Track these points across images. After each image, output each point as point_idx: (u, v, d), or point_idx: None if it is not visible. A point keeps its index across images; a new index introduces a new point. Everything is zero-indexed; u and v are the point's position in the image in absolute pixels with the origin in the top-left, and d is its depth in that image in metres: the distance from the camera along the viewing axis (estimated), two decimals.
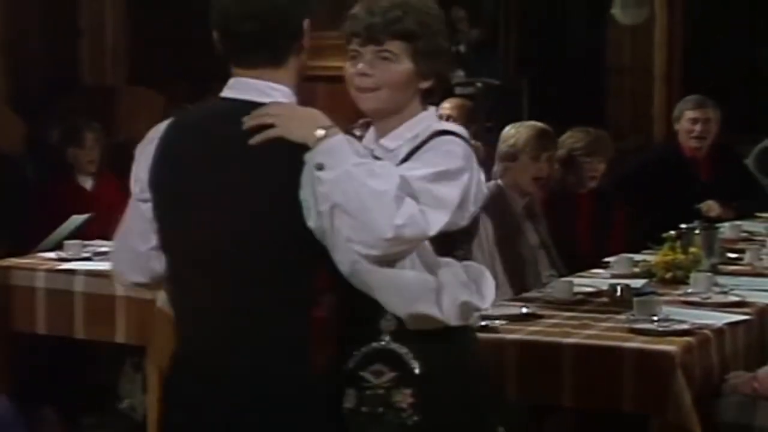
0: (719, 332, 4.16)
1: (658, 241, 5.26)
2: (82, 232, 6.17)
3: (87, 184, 7.03)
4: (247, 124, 2.72)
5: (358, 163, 2.65)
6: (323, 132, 2.67)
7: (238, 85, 2.83)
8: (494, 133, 6.09)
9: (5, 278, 5.47)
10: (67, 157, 7.00)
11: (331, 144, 2.66)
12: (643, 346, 3.89)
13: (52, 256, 5.67)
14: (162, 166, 2.87)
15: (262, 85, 2.80)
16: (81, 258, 5.57)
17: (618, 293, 4.59)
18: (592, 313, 4.40)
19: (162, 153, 2.87)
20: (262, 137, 2.70)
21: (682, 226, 5.32)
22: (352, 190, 2.61)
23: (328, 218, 2.65)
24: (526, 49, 11.58)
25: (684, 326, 4.06)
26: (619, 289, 4.61)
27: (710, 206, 6.86)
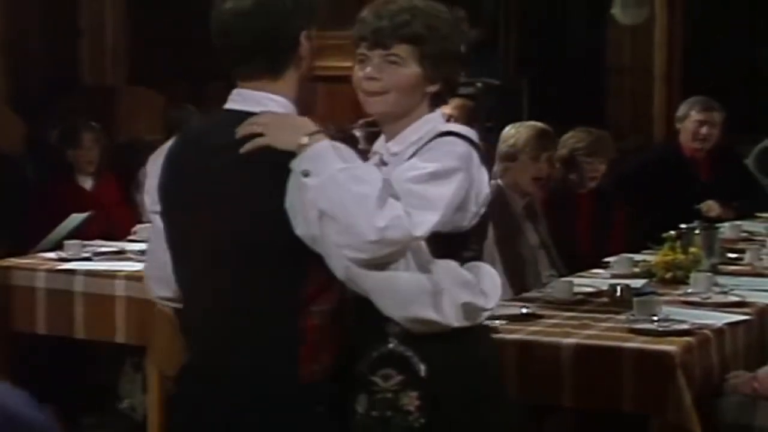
0: (719, 332, 4.16)
1: (658, 241, 5.26)
2: (82, 232, 6.18)
3: (87, 184, 7.03)
4: (239, 134, 2.77)
5: (342, 168, 2.66)
6: (307, 139, 2.69)
7: (239, 96, 2.88)
8: (494, 133, 6.09)
9: (5, 278, 5.47)
10: (66, 157, 7.00)
11: (315, 150, 2.69)
12: (643, 346, 3.89)
13: (52, 256, 5.67)
14: (167, 177, 2.94)
15: (260, 96, 2.84)
16: (81, 258, 5.56)
17: (618, 293, 4.59)
18: (592, 313, 4.40)
19: (168, 164, 2.95)
20: (250, 146, 2.74)
21: (682, 226, 5.32)
22: (336, 196, 2.63)
23: (317, 225, 2.67)
24: (526, 49, 11.58)
25: (684, 326, 4.06)
26: (619, 289, 4.61)
27: (710, 206, 6.86)
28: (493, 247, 5.29)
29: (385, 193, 2.65)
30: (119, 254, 5.73)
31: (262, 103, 2.83)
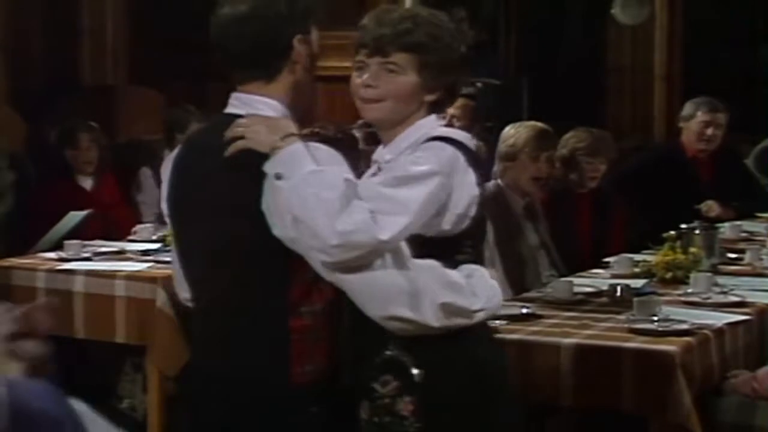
0: (719, 332, 4.16)
1: (658, 241, 5.26)
2: (82, 232, 6.17)
3: (86, 184, 7.03)
4: (226, 137, 2.81)
5: (311, 172, 2.67)
6: (280, 141, 2.72)
7: (236, 100, 2.92)
8: (494, 133, 6.09)
9: (5, 278, 5.47)
10: (66, 157, 7.00)
11: (287, 153, 2.71)
12: (643, 346, 3.89)
13: (52, 256, 5.67)
14: (172, 182, 3.01)
15: (253, 99, 2.88)
16: (81, 258, 5.56)
17: (618, 293, 4.59)
18: (592, 313, 4.40)
19: (173, 170, 3.01)
20: (232, 149, 2.78)
21: (682, 226, 5.32)
22: (302, 199, 2.64)
23: (291, 227, 2.69)
24: (526, 49, 11.57)
25: (684, 326, 4.06)
26: (619, 289, 4.61)
27: (710, 206, 6.86)
28: (493, 247, 5.29)
29: (349, 197, 2.65)
30: (119, 254, 5.73)
31: (254, 107, 2.86)
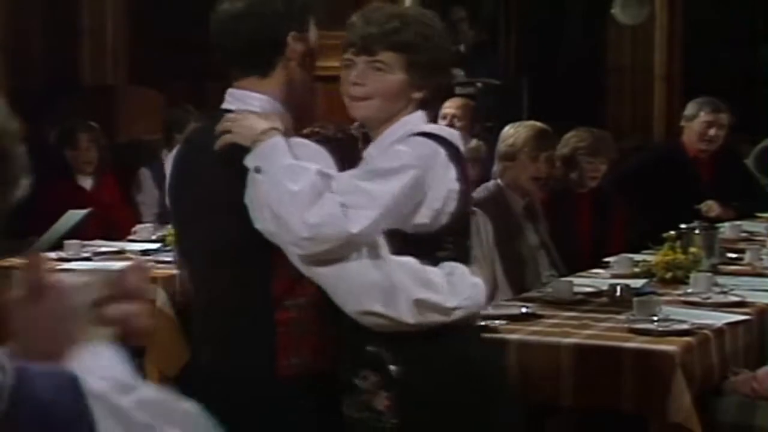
0: (719, 332, 4.16)
1: (658, 241, 5.26)
2: (82, 232, 6.17)
3: (86, 184, 7.03)
4: (216, 133, 2.84)
5: (287, 165, 2.71)
6: (260, 135, 2.75)
7: (230, 96, 2.96)
8: (494, 133, 6.09)
9: (5, 278, 5.46)
10: (66, 157, 7.00)
11: (265, 147, 2.74)
12: (643, 346, 3.89)
13: (52, 256, 5.66)
14: (170, 180, 3.06)
15: (244, 95, 2.92)
16: (81, 258, 5.56)
17: (618, 293, 4.59)
18: (592, 313, 4.40)
19: (171, 168, 3.07)
20: (219, 143, 2.81)
21: (682, 226, 5.32)
22: (275, 192, 2.68)
23: (270, 221, 2.72)
24: (526, 49, 11.58)
25: (684, 326, 4.06)
26: (619, 289, 4.61)
27: (710, 206, 6.85)
28: (493, 247, 5.29)
29: (321, 190, 2.68)
30: (119, 254, 5.73)
31: (245, 102, 2.90)
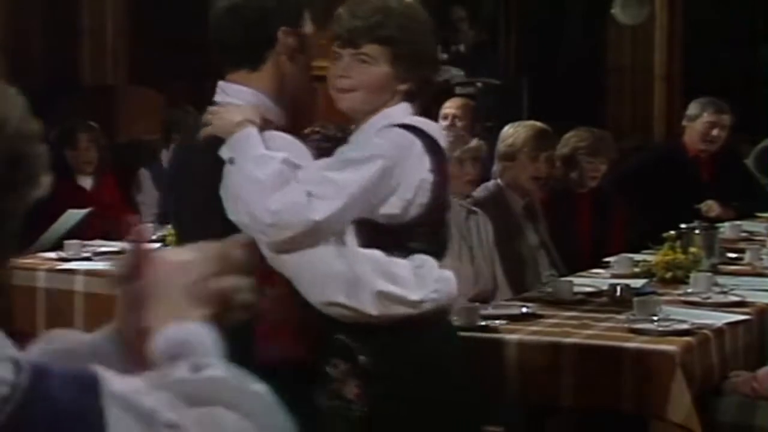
0: (719, 332, 4.16)
1: (658, 241, 5.26)
2: (82, 232, 6.17)
3: (86, 184, 7.03)
4: (200, 125, 2.90)
5: (256, 155, 2.76)
6: (235, 127, 2.81)
7: (220, 89, 3.00)
8: (494, 133, 6.08)
9: (5, 278, 5.47)
10: (66, 157, 7.00)
11: (237, 138, 2.79)
12: (643, 346, 3.89)
13: (52, 255, 5.67)
14: (166, 180, 3.23)
15: (231, 88, 2.96)
16: (81, 258, 5.57)
17: (618, 293, 4.59)
18: (592, 313, 4.39)
19: (168, 168, 3.21)
20: (201, 134, 2.88)
21: (682, 226, 5.32)
22: (242, 181, 2.74)
23: (240, 211, 2.78)
24: (526, 49, 11.58)
25: (684, 326, 4.05)
26: (619, 289, 4.61)
27: (710, 206, 6.85)
28: (493, 247, 5.29)
29: (287, 178, 2.72)
30: (119, 254, 5.71)
31: (234, 95, 2.94)
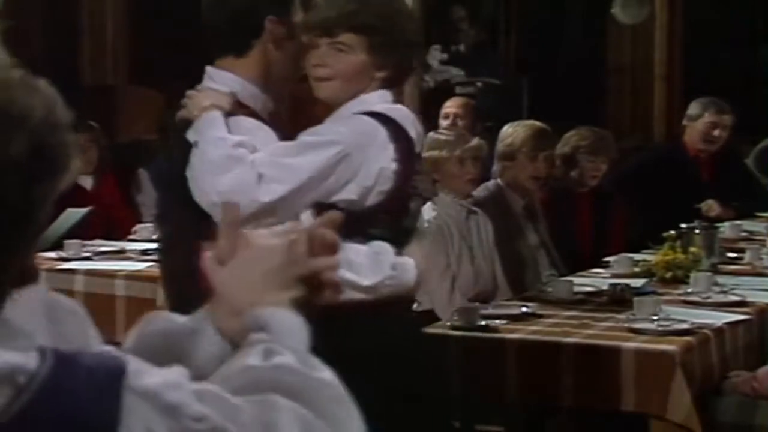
0: (719, 332, 4.16)
1: (658, 240, 5.26)
2: (82, 232, 6.17)
3: (86, 183, 7.02)
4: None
5: (213, 137, 2.81)
6: (201, 111, 2.87)
7: (207, 73, 3.04)
8: (494, 133, 6.09)
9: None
10: None
11: (201, 121, 2.85)
12: (643, 346, 3.89)
13: (52, 255, 5.66)
14: (157, 175, 3.24)
15: (214, 73, 3.01)
16: (81, 257, 5.57)
17: (618, 293, 4.59)
18: (592, 312, 4.40)
19: (162, 164, 3.28)
20: (177, 117, 2.94)
21: (682, 226, 5.32)
22: (197, 162, 2.81)
23: (197, 191, 2.84)
24: (526, 49, 11.56)
25: (684, 326, 4.06)
26: (619, 289, 4.61)
27: (710, 206, 6.85)
28: (493, 247, 5.29)
29: (238, 159, 2.78)
30: (119, 254, 5.73)
31: (218, 80, 2.98)
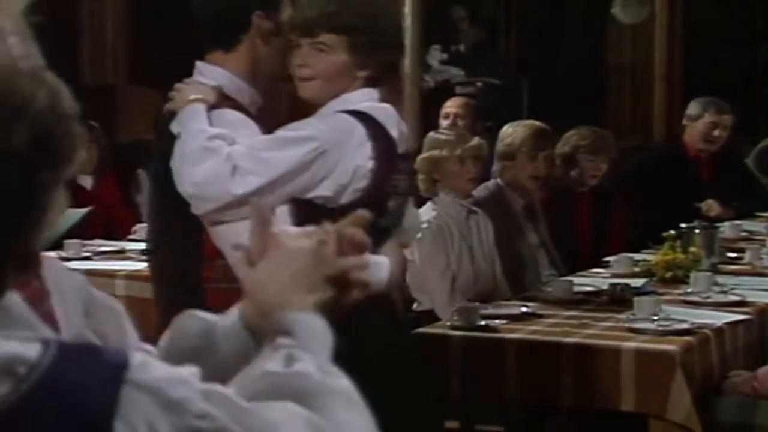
0: (719, 331, 4.16)
1: (658, 240, 5.26)
2: (82, 231, 6.17)
3: (86, 183, 7.02)
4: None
5: (193, 129, 2.85)
6: (184, 103, 2.91)
7: (197, 68, 3.08)
8: (494, 133, 6.08)
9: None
10: None
11: (183, 114, 2.89)
12: (643, 345, 3.89)
13: (51, 255, 5.66)
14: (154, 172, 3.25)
15: (202, 67, 3.05)
16: (81, 257, 5.56)
17: (618, 293, 4.59)
18: (592, 312, 4.40)
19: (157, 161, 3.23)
20: (164, 109, 2.99)
21: (682, 226, 5.32)
22: (176, 153, 2.86)
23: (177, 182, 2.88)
24: (526, 49, 11.57)
25: (684, 326, 4.06)
26: (619, 289, 4.61)
27: (710, 206, 6.85)
28: (493, 247, 5.29)
29: (214, 152, 2.81)
30: (119, 254, 5.73)
31: (207, 74, 3.02)
